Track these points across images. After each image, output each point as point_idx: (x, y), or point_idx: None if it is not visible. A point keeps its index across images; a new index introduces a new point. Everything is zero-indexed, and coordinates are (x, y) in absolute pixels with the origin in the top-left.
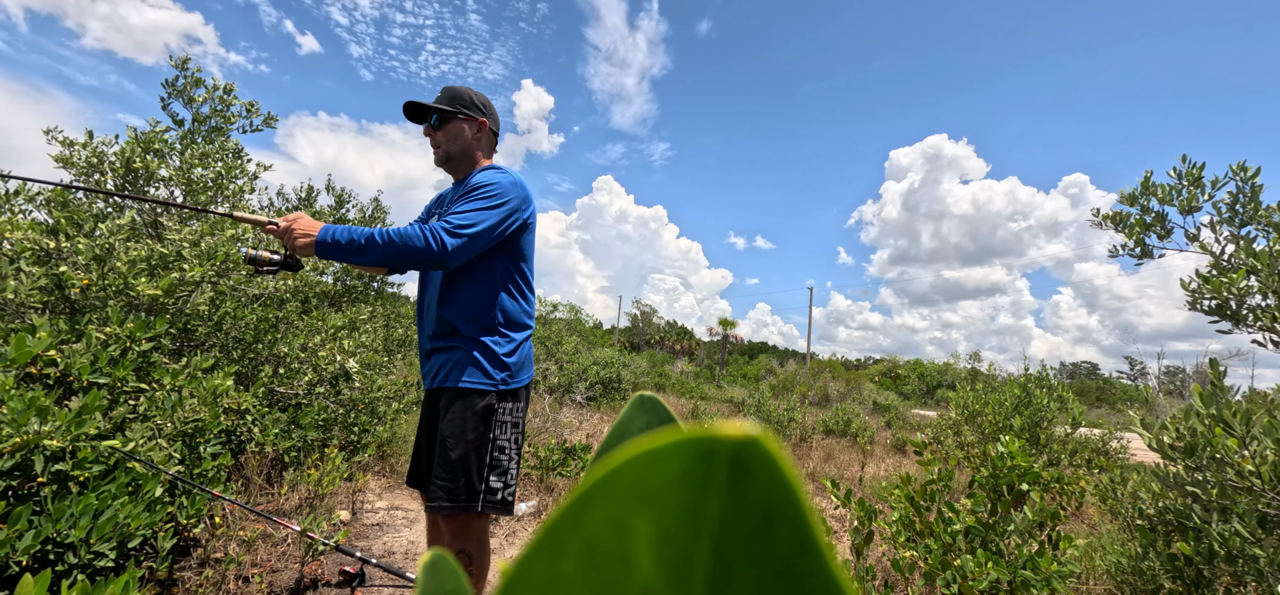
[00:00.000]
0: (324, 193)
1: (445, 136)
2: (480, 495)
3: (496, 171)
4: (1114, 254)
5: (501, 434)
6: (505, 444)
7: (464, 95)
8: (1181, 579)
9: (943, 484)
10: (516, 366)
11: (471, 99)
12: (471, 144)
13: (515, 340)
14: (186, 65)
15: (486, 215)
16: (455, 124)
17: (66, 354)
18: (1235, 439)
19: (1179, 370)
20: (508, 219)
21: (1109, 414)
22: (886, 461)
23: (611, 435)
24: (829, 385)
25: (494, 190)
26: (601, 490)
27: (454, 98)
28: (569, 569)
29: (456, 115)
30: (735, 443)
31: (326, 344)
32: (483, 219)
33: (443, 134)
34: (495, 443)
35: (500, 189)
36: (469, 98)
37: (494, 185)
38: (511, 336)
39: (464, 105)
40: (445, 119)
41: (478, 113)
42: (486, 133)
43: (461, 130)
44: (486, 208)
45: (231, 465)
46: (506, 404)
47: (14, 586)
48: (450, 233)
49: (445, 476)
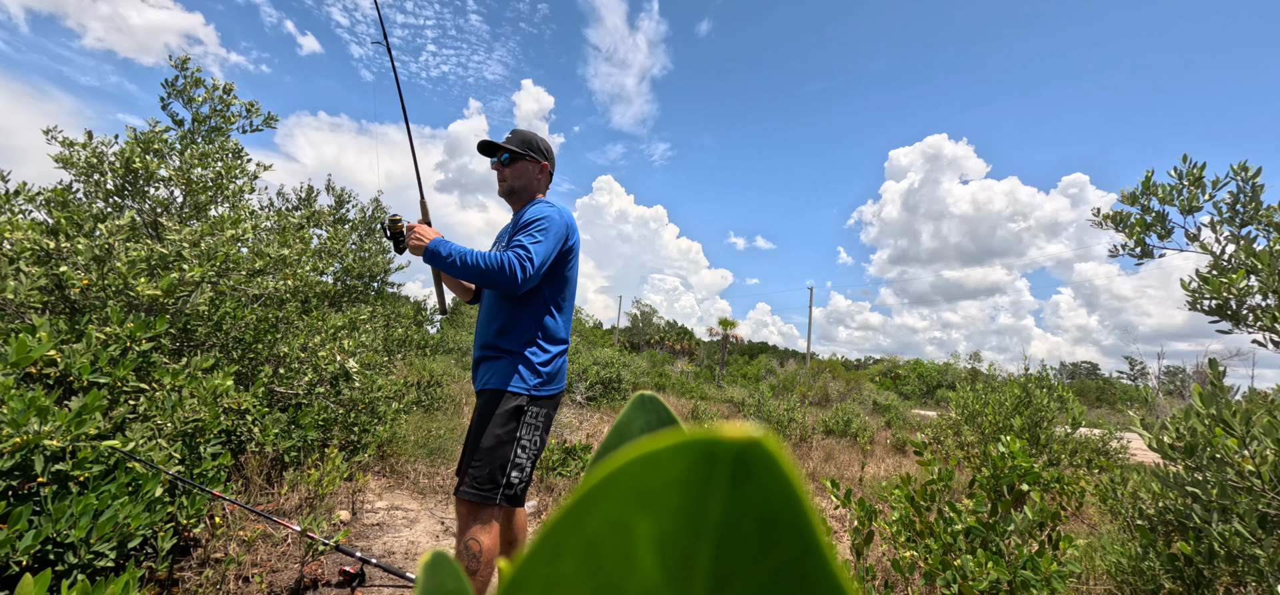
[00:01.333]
0: (324, 193)
1: (512, 173)
2: (500, 487)
3: (546, 205)
4: (1114, 254)
5: (526, 435)
6: (527, 444)
7: (533, 140)
8: (1181, 579)
9: (943, 484)
10: (549, 376)
11: (539, 145)
12: (533, 183)
13: (550, 353)
14: (186, 65)
15: (543, 246)
16: (522, 164)
17: (66, 354)
18: (1235, 439)
19: (1179, 370)
20: (558, 247)
21: (1109, 414)
22: (886, 461)
23: (611, 435)
24: (829, 385)
25: (546, 224)
26: (602, 491)
27: (525, 143)
28: (569, 569)
29: (525, 157)
30: (737, 444)
31: (326, 344)
32: (541, 250)
33: (511, 171)
34: (520, 441)
35: (552, 221)
36: (537, 143)
37: (546, 219)
38: (548, 349)
39: (533, 149)
40: (515, 159)
41: (542, 157)
42: (547, 174)
43: (526, 170)
44: (543, 239)
45: (231, 465)
46: (535, 408)
47: (14, 586)
48: (522, 263)
49: (475, 465)
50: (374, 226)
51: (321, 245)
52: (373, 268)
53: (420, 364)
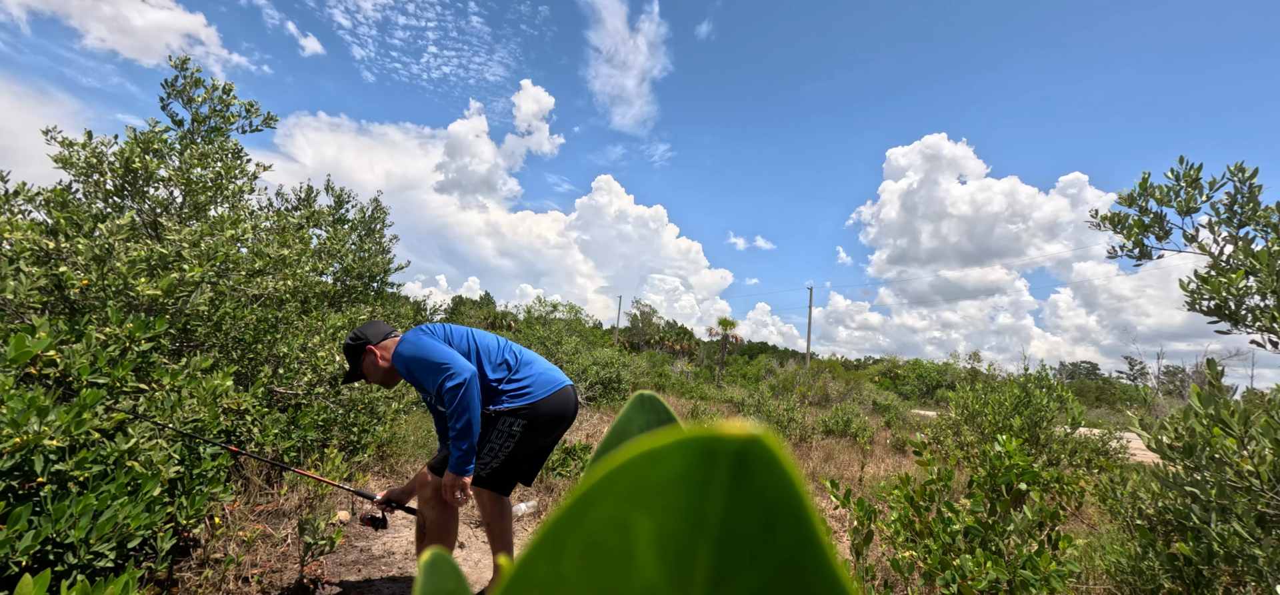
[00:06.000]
0: (323, 193)
1: (368, 372)
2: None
3: (398, 356)
4: (1113, 255)
5: (496, 439)
6: (497, 445)
7: (357, 336)
8: (1181, 579)
9: (942, 484)
10: (509, 392)
11: (362, 334)
12: (381, 362)
13: (505, 387)
14: (186, 65)
15: (431, 360)
16: (365, 360)
17: (66, 354)
18: (1234, 439)
19: (1178, 370)
20: (445, 351)
21: (1108, 414)
22: (886, 461)
23: (611, 434)
24: (829, 385)
25: (423, 359)
26: (602, 489)
27: (353, 342)
28: (570, 568)
29: (360, 353)
30: (737, 442)
31: (326, 344)
32: (434, 364)
33: (366, 372)
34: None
35: (420, 355)
36: (359, 334)
37: (415, 358)
38: (502, 388)
39: (359, 342)
40: (357, 361)
41: (368, 340)
42: (383, 340)
43: (371, 361)
44: (436, 363)
45: (231, 465)
46: (506, 418)
47: (14, 586)
48: (448, 378)
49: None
50: (373, 226)
51: (321, 245)
52: (372, 268)
53: None
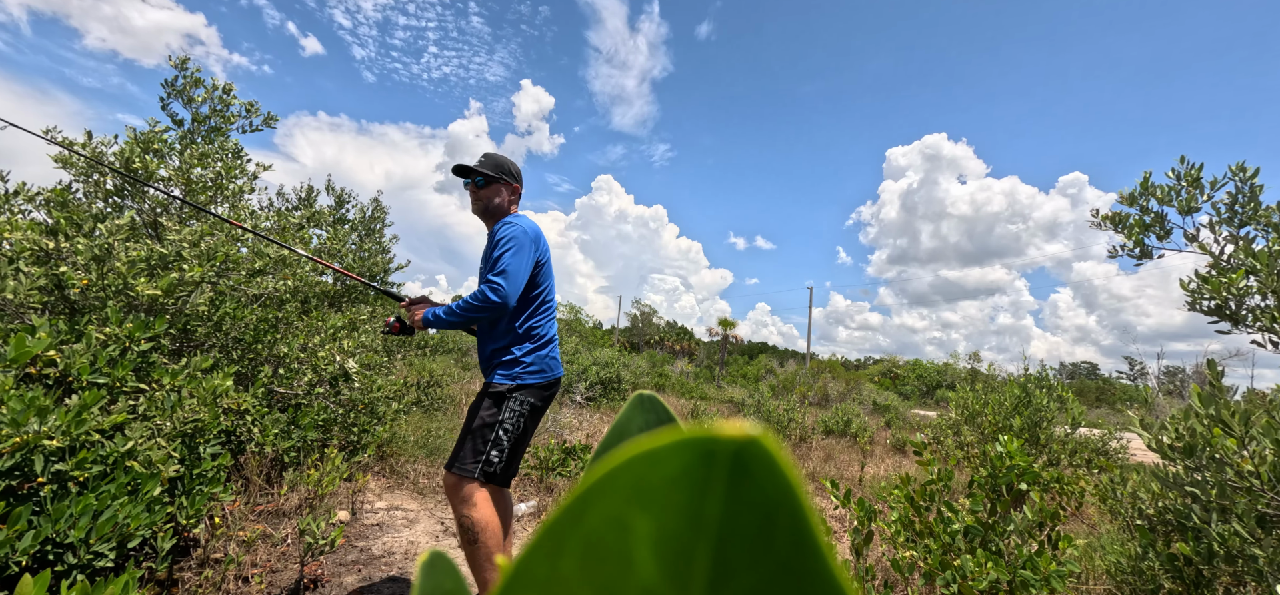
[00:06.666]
0: (324, 193)
1: (485, 195)
2: (480, 463)
3: (513, 225)
4: (1113, 254)
5: (509, 418)
6: (511, 427)
7: (504, 164)
8: (1181, 579)
9: (942, 484)
10: (530, 368)
11: (510, 168)
12: (504, 203)
13: (526, 348)
14: (186, 65)
15: (514, 264)
16: (495, 186)
17: (66, 354)
18: (1234, 439)
19: (1178, 370)
20: (530, 259)
21: (1108, 414)
22: (886, 461)
23: (611, 434)
24: (829, 385)
25: (514, 244)
26: (601, 489)
27: (497, 166)
28: (569, 568)
29: (497, 179)
30: (736, 442)
31: (326, 344)
32: (511, 269)
33: (484, 193)
34: (502, 423)
35: (519, 240)
36: (508, 166)
37: (514, 239)
38: (524, 345)
39: (504, 172)
40: (489, 182)
41: (512, 179)
42: (516, 194)
43: (499, 192)
44: (512, 259)
45: (231, 465)
46: (520, 395)
47: (14, 586)
48: (493, 286)
49: (461, 443)
50: (373, 226)
51: (321, 245)
52: (372, 268)
53: (420, 364)
